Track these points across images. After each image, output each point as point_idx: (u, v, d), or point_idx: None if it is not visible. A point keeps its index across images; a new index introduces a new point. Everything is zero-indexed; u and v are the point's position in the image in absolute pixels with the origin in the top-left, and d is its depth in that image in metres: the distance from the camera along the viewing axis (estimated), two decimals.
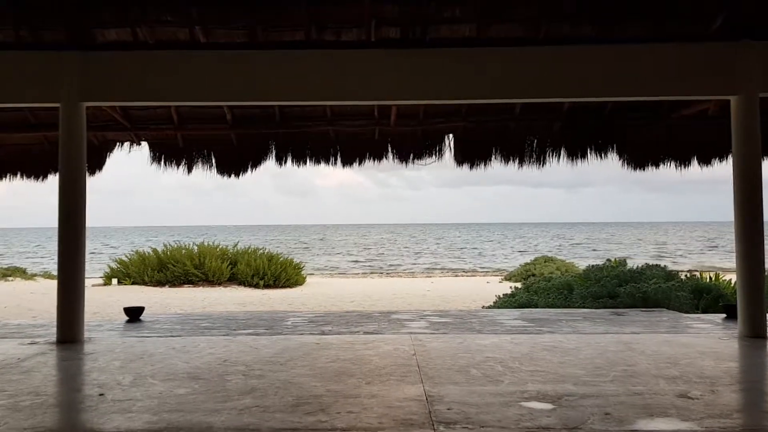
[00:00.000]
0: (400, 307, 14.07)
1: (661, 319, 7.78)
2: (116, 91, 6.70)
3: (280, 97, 6.75)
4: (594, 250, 57.25)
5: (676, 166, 8.57)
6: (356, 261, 46.13)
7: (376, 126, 8.47)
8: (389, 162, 8.71)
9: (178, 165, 8.74)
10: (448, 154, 8.65)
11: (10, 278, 24.72)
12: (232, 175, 8.67)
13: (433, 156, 8.68)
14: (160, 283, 20.07)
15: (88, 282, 22.09)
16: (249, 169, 8.67)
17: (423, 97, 6.84)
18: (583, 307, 9.55)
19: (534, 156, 8.56)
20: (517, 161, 8.57)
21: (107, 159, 8.82)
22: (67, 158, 6.61)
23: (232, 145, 8.66)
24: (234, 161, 8.68)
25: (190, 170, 8.72)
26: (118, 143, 8.83)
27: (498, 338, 6.46)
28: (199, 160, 8.74)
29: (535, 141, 8.57)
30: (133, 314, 8.13)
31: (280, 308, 14.22)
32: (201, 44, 6.76)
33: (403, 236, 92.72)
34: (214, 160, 8.74)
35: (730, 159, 8.40)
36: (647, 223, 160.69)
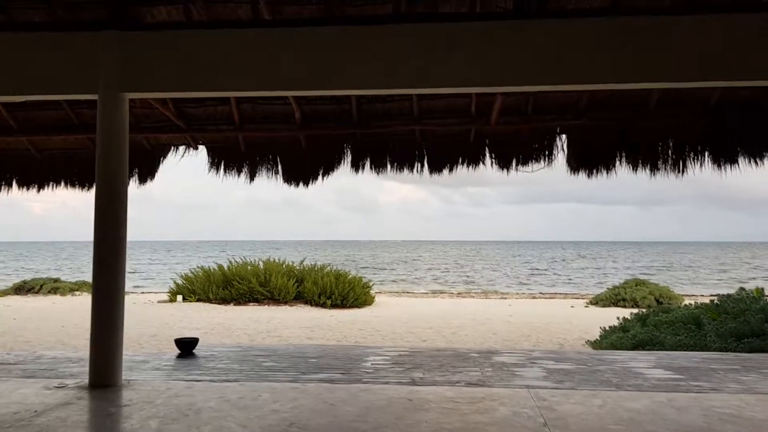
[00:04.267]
0: (486, 337, 12.48)
1: None
2: (164, 79, 5.47)
3: (362, 84, 5.33)
4: (683, 270, 53.69)
5: None
6: (423, 279, 44.47)
7: (472, 125, 7.01)
8: (486, 168, 7.23)
9: (239, 172, 7.51)
10: (561, 159, 7.10)
11: (77, 292, 24.41)
12: (301, 184, 7.36)
13: (542, 161, 7.14)
14: (224, 301, 19.12)
15: (153, 298, 21.79)
16: (320, 177, 7.34)
17: (539, 82, 5.24)
18: (725, 350, 7.74)
19: (670, 161, 6.90)
20: (648, 168, 6.93)
21: (160, 165, 7.69)
22: (106, 161, 5.44)
23: (300, 149, 7.37)
24: (303, 167, 7.37)
25: (252, 178, 7.47)
26: (172, 147, 7.69)
27: (649, 399, 4.84)
28: (264, 166, 7.47)
29: (671, 143, 6.91)
30: (186, 347, 6.90)
31: (351, 333, 12.86)
32: (265, 22, 5.49)
33: (468, 254, 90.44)
34: (280, 167, 7.46)
35: None
36: (725, 243, 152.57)
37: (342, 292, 19.21)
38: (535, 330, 13.78)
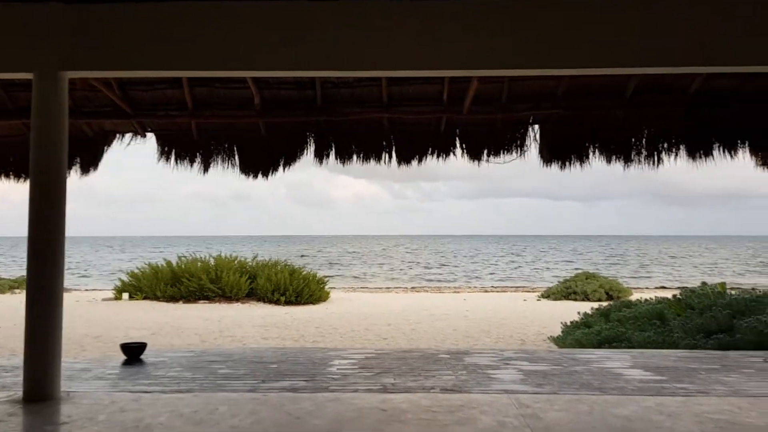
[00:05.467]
0: (446, 333, 12.20)
1: None
2: (110, 57, 4.89)
3: (347, 66, 4.80)
4: (626, 264, 54.87)
5: None
6: (376, 274, 44.16)
7: (443, 114, 6.64)
8: (457, 159, 6.88)
9: (191, 162, 6.94)
10: (534, 150, 6.80)
11: (17, 290, 23.10)
12: (260, 175, 6.85)
13: (514, 152, 6.83)
14: (173, 299, 18.37)
15: (98, 296, 20.80)
16: (281, 168, 6.85)
17: (549, 65, 4.72)
18: (695, 346, 7.61)
19: (644, 153, 6.68)
20: (622, 160, 6.70)
21: (104, 154, 7.07)
22: (42, 149, 4.85)
23: (260, 137, 6.86)
24: (262, 157, 6.86)
25: (206, 168, 6.91)
26: (117, 135, 7.07)
27: (636, 404, 4.57)
28: (219, 156, 6.93)
29: (646, 133, 6.69)
30: (132, 353, 6.33)
31: (308, 332, 12.39)
32: None
33: (421, 248, 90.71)
34: (237, 156, 6.93)
35: None
36: (667, 237, 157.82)
37: (296, 288, 18.69)
38: (493, 325, 13.59)
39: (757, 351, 7.02)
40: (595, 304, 12.27)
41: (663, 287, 30.62)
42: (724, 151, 6.69)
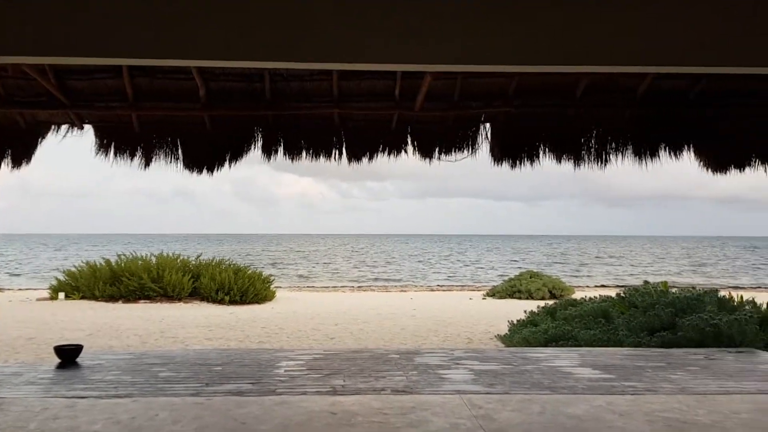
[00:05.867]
0: (394, 333, 12.13)
1: None
2: (42, 41, 4.56)
3: (278, 55, 4.59)
4: (565, 263, 56.11)
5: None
6: (322, 273, 43.87)
7: (395, 110, 6.52)
8: (408, 156, 6.79)
9: (132, 156, 6.61)
10: (485, 148, 6.77)
11: None
12: (204, 171, 6.60)
13: (465, 150, 6.79)
14: (112, 298, 17.73)
15: (32, 295, 19.91)
16: (227, 163, 6.60)
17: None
18: (639, 344, 7.75)
19: (593, 153, 6.73)
20: (572, 159, 6.74)
21: (38, 146, 6.68)
22: None
23: (205, 131, 6.59)
24: (207, 152, 6.60)
25: (148, 163, 6.60)
26: (53, 126, 6.69)
27: (587, 403, 4.57)
28: (161, 150, 6.64)
29: (595, 133, 6.75)
30: (67, 356, 6.00)
31: (254, 332, 12.12)
32: None
33: (368, 247, 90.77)
34: (180, 151, 6.65)
35: None
36: (606, 237, 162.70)
37: (241, 287, 18.33)
38: (441, 324, 13.61)
39: (699, 348, 7.20)
40: (540, 303, 12.48)
41: (603, 285, 31.58)
42: (670, 152, 6.80)
